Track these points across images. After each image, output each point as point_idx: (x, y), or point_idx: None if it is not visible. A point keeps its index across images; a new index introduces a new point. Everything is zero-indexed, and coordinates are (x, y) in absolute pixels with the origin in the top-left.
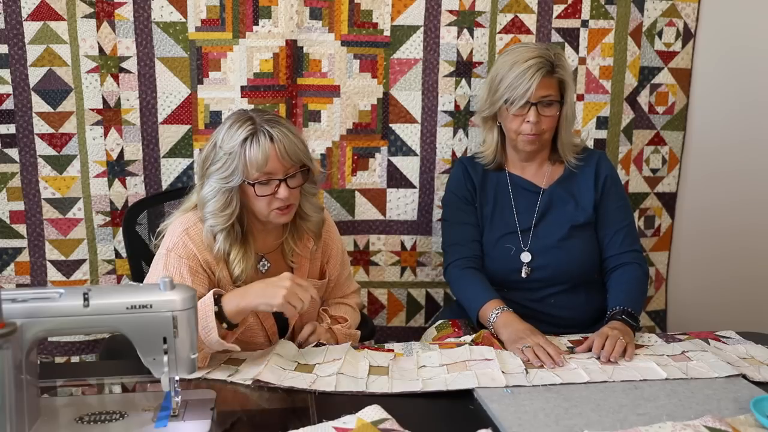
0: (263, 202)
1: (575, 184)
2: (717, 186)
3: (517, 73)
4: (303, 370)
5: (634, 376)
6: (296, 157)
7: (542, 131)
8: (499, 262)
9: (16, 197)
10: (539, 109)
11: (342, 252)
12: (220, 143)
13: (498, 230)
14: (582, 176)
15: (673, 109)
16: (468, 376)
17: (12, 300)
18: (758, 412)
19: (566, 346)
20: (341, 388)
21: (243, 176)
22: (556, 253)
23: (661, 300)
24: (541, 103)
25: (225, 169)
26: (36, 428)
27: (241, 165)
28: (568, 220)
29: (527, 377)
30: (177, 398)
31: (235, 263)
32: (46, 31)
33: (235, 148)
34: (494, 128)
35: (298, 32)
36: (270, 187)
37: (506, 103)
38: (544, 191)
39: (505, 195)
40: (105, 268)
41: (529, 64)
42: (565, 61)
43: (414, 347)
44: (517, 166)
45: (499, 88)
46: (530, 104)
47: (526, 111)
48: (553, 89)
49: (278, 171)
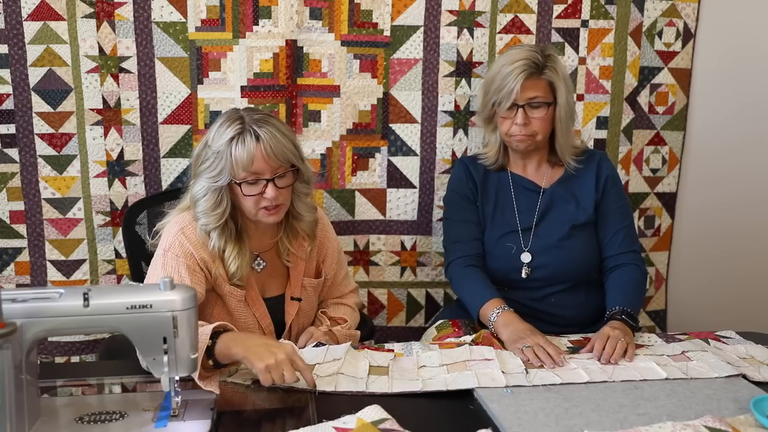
0: (251, 201)
1: (576, 183)
2: (717, 186)
3: (503, 75)
4: None
5: (634, 376)
6: (284, 157)
7: (533, 133)
8: (499, 261)
9: (16, 197)
10: (527, 111)
11: (338, 251)
12: (210, 142)
13: (499, 229)
14: (583, 176)
15: (673, 109)
16: (468, 376)
17: (12, 300)
18: (758, 412)
19: (566, 346)
20: (341, 388)
21: (230, 176)
22: (556, 252)
23: (661, 300)
24: (529, 105)
25: (213, 169)
26: (36, 428)
27: (228, 164)
28: (568, 219)
29: (527, 377)
30: (177, 398)
31: (230, 261)
32: (46, 31)
33: (222, 147)
34: (496, 130)
35: (298, 32)
36: (257, 186)
37: (494, 105)
38: (545, 191)
39: (507, 194)
40: (105, 268)
41: (515, 66)
42: (558, 62)
43: (414, 347)
44: (519, 166)
45: (490, 89)
46: (517, 106)
47: (514, 113)
48: (541, 90)
49: (265, 171)
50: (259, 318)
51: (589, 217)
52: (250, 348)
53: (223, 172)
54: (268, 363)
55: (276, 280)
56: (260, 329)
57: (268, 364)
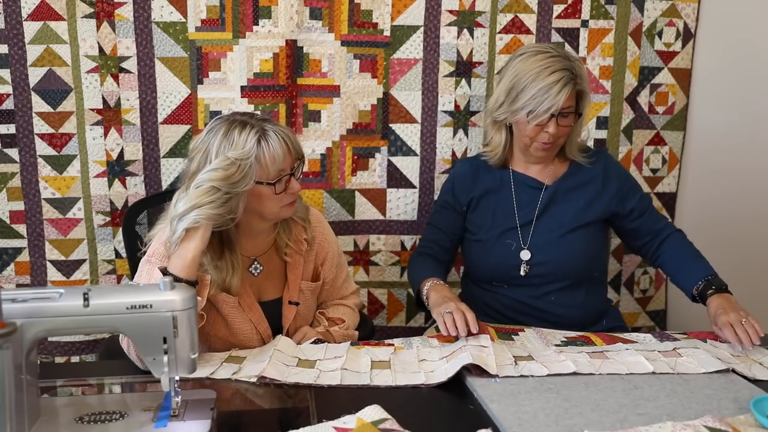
0: (275, 200)
1: (580, 182)
2: (717, 186)
3: (542, 86)
4: (305, 365)
5: (620, 370)
6: (300, 148)
7: (557, 140)
8: (499, 258)
9: (16, 197)
10: (558, 120)
11: (338, 254)
12: (221, 150)
13: (498, 227)
14: (589, 175)
15: (673, 109)
16: (463, 358)
17: (12, 300)
18: (758, 412)
19: (560, 340)
20: (346, 382)
21: (257, 178)
22: (555, 249)
23: (661, 300)
24: (560, 114)
25: (235, 176)
26: (36, 428)
27: (256, 167)
28: (570, 218)
29: (516, 368)
30: (177, 398)
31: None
32: (46, 31)
33: (249, 152)
34: (502, 129)
35: (298, 32)
36: (282, 183)
37: (528, 115)
38: (548, 187)
39: (507, 192)
40: (105, 268)
41: (557, 77)
42: (582, 68)
43: (413, 341)
44: (521, 165)
45: (520, 97)
46: (552, 116)
47: (546, 122)
48: (572, 100)
49: (288, 166)
50: (256, 323)
51: (595, 217)
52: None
53: (248, 176)
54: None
55: (273, 283)
56: (257, 334)
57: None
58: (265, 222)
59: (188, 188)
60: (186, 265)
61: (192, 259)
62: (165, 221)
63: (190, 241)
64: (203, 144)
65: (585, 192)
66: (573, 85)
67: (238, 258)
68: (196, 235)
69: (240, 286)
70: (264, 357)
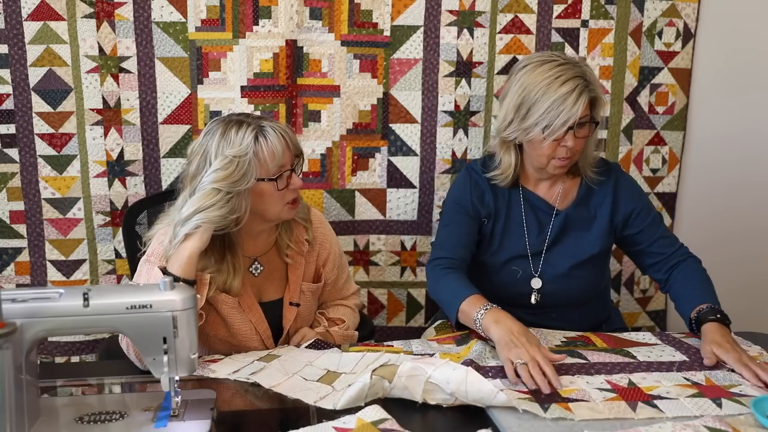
0: (277, 198)
1: (591, 208)
2: (717, 186)
3: (555, 98)
4: (325, 381)
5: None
6: (298, 144)
7: (575, 153)
8: (505, 285)
9: (16, 197)
10: (575, 131)
11: (339, 255)
12: (219, 151)
13: (506, 252)
14: (599, 199)
15: (673, 109)
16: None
17: (12, 300)
18: (758, 412)
19: (560, 341)
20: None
21: (258, 175)
22: (567, 280)
23: (661, 300)
24: (577, 125)
25: (235, 174)
26: (36, 428)
27: (255, 164)
28: (583, 248)
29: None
30: (177, 398)
31: (225, 275)
32: (46, 31)
33: (246, 149)
34: (511, 148)
35: (298, 32)
36: (284, 179)
37: (544, 131)
38: (558, 213)
39: (517, 214)
40: (105, 268)
41: (570, 87)
42: (594, 73)
43: (412, 345)
44: (532, 182)
45: (532, 112)
46: (569, 128)
47: (563, 135)
48: (588, 108)
49: (288, 161)
50: (256, 324)
51: (603, 246)
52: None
53: (248, 174)
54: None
55: (274, 284)
56: (257, 335)
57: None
58: (267, 223)
59: (191, 192)
60: (183, 263)
61: (189, 258)
62: (164, 221)
63: (189, 241)
64: (201, 146)
65: (596, 221)
66: (587, 93)
67: (239, 260)
68: (195, 236)
69: (240, 286)
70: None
